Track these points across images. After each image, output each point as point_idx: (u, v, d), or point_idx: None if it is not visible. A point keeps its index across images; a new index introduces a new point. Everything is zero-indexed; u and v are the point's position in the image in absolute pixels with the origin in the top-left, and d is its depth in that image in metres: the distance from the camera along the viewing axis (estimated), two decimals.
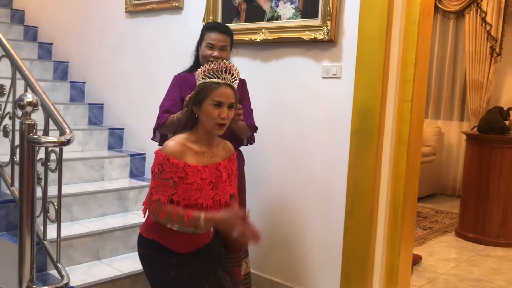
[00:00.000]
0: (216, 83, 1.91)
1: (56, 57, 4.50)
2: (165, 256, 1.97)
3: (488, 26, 5.74)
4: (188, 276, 1.97)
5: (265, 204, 3.00)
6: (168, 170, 1.87)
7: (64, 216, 2.87)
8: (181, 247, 1.98)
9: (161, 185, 1.87)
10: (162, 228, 1.96)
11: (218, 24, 2.54)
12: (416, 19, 2.35)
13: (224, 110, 1.90)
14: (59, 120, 2.37)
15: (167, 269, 1.97)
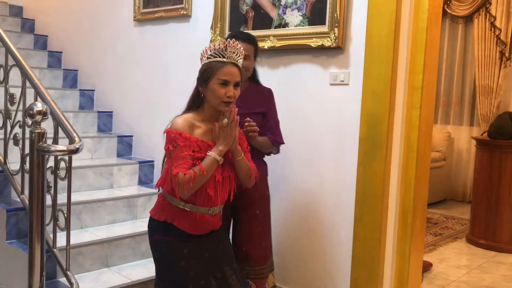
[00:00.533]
0: (222, 62, 1.92)
1: (65, 66, 4.54)
2: (177, 244, 1.97)
3: (498, 31, 5.70)
4: (197, 269, 1.97)
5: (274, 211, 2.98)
6: (182, 144, 1.89)
7: (73, 224, 2.89)
8: (194, 229, 1.98)
9: (178, 159, 1.88)
10: (174, 208, 1.97)
11: (241, 33, 2.46)
12: (424, 26, 2.34)
13: (230, 88, 1.92)
14: (68, 128, 2.38)
15: (177, 258, 1.97)
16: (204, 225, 2.00)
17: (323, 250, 2.78)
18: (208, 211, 1.98)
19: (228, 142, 1.93)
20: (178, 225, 1.97)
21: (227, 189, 2.02)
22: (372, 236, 2.46)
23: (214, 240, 2.07)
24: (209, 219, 2.00)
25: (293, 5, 2.81)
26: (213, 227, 2.05)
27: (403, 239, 2.53)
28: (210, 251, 2.03)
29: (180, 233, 1.98)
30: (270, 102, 2.49)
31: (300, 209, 2.88)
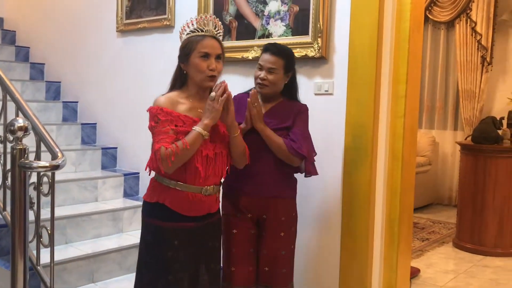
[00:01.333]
0: (201, 36, 1.94)
1: (48, 77, 4.49)
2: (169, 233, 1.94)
3: (478, 36, 5.79)
4: (181, 262, 1.96)
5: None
6: (163, 119, 1.88)
7: (58, 239, 2.84)
8: (187, 209, 1.95)
9: (160, 133, 1.86)
10: (165, 188, 1.95)
11: (273, 45, 2.30)
12: (406, 35, 2.36)
13: (212, 61, 1.92)
14: (51, 144, 2.34)
15: (166, 248, 1.95)
16: (197, 206, 1.96)
17: (310, 260, 2.77)
18: (201, 191, 1.95)
19: (214, 116, 1.89)
20: (170, 205, 1.93)
21: (220, 166, 2.00)
22: (359, 245, 2.46)
23: (207, 235, 2.04)
24: (203, 199, 1.96)
25: (277, 16, 2.81)
26: (208, 209, 2.01)
27: (390, 247, 2.54)
28: (198, 247, 2.01)
29: (173, 214, 1.94)
30: (297, 116, 2.27)
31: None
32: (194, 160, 1.91)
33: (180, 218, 1.95)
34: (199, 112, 1.96)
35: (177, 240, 1.95)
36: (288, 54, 2.26)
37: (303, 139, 2.21)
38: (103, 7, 3.95)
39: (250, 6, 2.94)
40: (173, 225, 1.95)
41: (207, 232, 2.04)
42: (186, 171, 1.91)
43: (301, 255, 2.80)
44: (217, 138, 1.98)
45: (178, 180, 1.93)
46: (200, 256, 2.03)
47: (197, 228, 1.99)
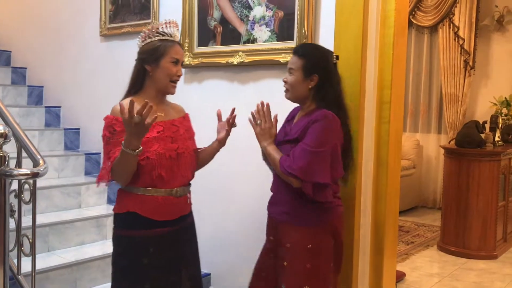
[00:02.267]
0: (172, 41, 1.97)
1: (30, 82, 4.42)
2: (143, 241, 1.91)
3: (461, 40, 5.87)
4: (158, 269, 1.92)
5: (245, 227, 2.96)
6: (119, 130, 1.84)
7: (40, 247, 2.79)
8: (159, 214, 1.92)
9: (116, 144, 1.83)
10: (134, 196, 1.91)
11: (300, 45, 2.20)
12: (391, 40, 2.37)
13: (180, 68, 1.98)
14: (32, 150, 2.30)
15: (141, 256, 1.91)
16: (170, 209, 1.94)
17: None
18: (171, 193, 1.93)
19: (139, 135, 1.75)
20: (142, 212, 1.90)
21: (185, 166, 1.98)
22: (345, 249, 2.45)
23: (183, 240, 2.02)
24: (174, 201, 1.94)
25: (261, 21, 2.81)
26: (180, 211, 1.99)
27: (376, 252, 2.54)
28: (175, 252, 1.98)
29: (146, 222, 1.90)
30: (310, 127, 1.94)
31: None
32: (157, 165, 1.88)
33: (153, 224, 1.91)
34: (158, 116, 1.93)
35: (152, 247, 1.92)
36: (311, 54, 2.04)
37: (302, 155, 1.88)
38: (86, 11, 3.91)
39: (235, 11, 2.92)
40: (147, 233, 1.91)
41: (182, 236, 2.02)
42: (152, 176, 1.88)
43: None
44: (178, 139, 1.98)
45: (146, 186, 1.89)
46: (179, 262, 2.00)
47: (172, 233, 1.96)
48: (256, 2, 2.82)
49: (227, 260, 3.06)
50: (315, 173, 1.87)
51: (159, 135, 1.91)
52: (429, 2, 6.13)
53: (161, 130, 1.93)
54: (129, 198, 1.93)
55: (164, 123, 1.95)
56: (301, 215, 1.99)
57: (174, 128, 1.98)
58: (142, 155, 1.83)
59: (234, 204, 3.02)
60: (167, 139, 1.93)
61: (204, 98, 3.12)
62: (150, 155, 1.86)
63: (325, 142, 1.89)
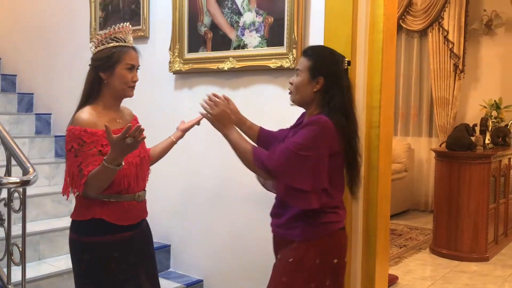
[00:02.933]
0: (127, 47, 1.95)
1: (20, 89, 4.40)
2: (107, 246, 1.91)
3: (451, 44, 5.92)
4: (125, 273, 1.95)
5: (237, 234, 2.96)
6: (89, 141, 1.83)
7: (30, 256, 2.77)
8: (124, 219, 1.94)
9: (88, 156, 1.82)
10: (98, 203, 1.89)
11: (310, 46, 2.11)
12: (380, 46, 2.38)
13: (136, 73, 1.97)
14: (22, 159, 2.29)
15: (108, 261, 1.91)
16: (133, 213, 1.98)
17: None
18: (134, 198, 1.96)
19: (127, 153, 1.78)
20: (108, 219, 1.90)
21: (145, 170, 2.05)
22: None
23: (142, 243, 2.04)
24: (137, 206, 1.99)
25: (251, 27, 2.81)
26: (141, 215, 2.04)
27: (368, 257, 2.54)
28: (135, 255, 2.00)
29: (110, 227, 1.90)
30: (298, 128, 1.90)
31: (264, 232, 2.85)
32: (128, 174, 1.91)
33: (117, 229, 1.93)
34: (118, 123, 1.96)
35: (117, 252, 1.94)
36: (320, 56, 1.93)
37: (285, 153, 1.79)
38: (76, 17, 3.90)
39: (225, 17, 2.93)
40: (111, 238, 1.92)
41: (142, 239, 2.06)
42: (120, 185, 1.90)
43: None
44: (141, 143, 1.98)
45: (113, 193, 1.90)
46: (139, 264, 2.03)
47: (134, 237, 2.00)
48: (246, 8, 2.83)
49: (219, 267, 3.05)
50: (293, 175, 1.77)
51: None
52: (419, 6, 6.18)
53: None
54: (93, 205, 1.90)
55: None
56: (291, 229, 1.90)
57: None
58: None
59: (226, 209, 3.01)
60: None
61: (195, 104, 3.10)
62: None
63: (311, 147, 1.77)
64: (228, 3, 2.91)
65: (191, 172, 3.15)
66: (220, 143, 2.66)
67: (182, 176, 3.20)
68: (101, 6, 3.69)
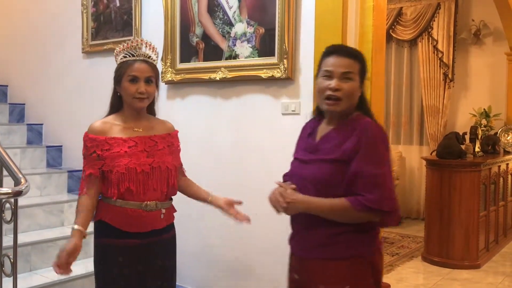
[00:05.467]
0: (132, 60, 2.00)
1: (11, 99, 4.39)
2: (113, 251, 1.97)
3: (440, 53, 5.98)
4: (127, 280, 1.97)
5: (230, 242, 2.96)
6: (89, 146, 1.98)
7: (22, 267, 2.75)
8: (127, 225, 1.96)
9: (89, 161, 1.98)
10: (106, 206, 1.97)
11: (340, 46, 1.90)
12: (369, 56, 2.42)
13: (141, 84, 1.97)
14: (14, 169, 2.28)
15: (111, 265, 1.98)
16: (138, 221, 1.97)
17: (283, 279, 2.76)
18: (141, 206, 1.96)
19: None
20: (110, 222, 1.96)
21: (159, 181, 2.01)
22: None
23: (155, 253, 2.04)
24: (143, 214, 1.97)
25: (243, 37, 2.84)
26: (151, 225, 2.01)
27: None
28: (144, 265, 2.01)
29: (115, 231, 1.96)
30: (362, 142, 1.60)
31: (257, 240, 2.86)
32: (126, 179, 1.94)
33: (122, 234, 1.97)
34: (134, 131, 2.02)
35: (121, 257, 1.98)
36: (363, 57, 1.75)
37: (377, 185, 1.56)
38: (68, 28, 3.92)
39: (216, 28, 2.96)
40: (116, 242, 1.98)
41: (155, 250, 2.04)
42: (120, 189, 1.94)
43: (277, 276, 2.79)
44: (154, 153, 2.02)
45: (116, 197, 1.95)
46: (148, 275, 2.03)
47: (142, 246, 2.00)
48: (237, 19, 2.86)
49: (212, 276, 3.05)
50: (396, 202, 1.57)
51: (130, 150, 1.97)
52: (408, 16, 6.26)
53: (132, 145, 1.99)
54: (102, 207, 1.99)
55: (139, 138, 2.01)
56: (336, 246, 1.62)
57: (151, 142, 2.03)
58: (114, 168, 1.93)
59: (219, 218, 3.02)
60: (141, 154, 1.98)
61: (187, 114, 3.14)
62: (120, 169, 1.93)
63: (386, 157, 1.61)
64: (219, 14, 2.94)
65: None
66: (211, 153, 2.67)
67: None
68: (93, 17, 3.71)
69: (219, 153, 2.99)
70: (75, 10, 3.83)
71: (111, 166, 1.93)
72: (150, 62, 2.03)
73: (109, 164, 1.93)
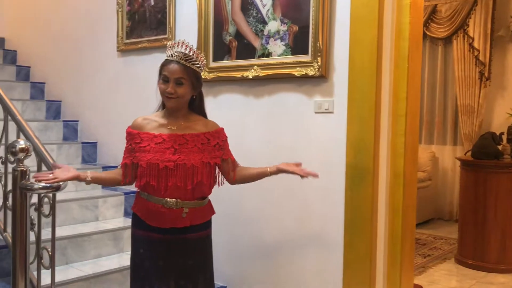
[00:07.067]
0: (167, 61, 2.08)
1: (48, 96, 4.50)
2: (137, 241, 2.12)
3: (476, 51, 5.83)
4: (146, 272, 2.06)
5: (260, 239, 2.96)
6: (127, 138, 2.16)
7: (58, 260, 2.81)
8: (149, 218, 2.06)
9: (126, 151, 2.16)
10: (138, 198, 2.14)
11: None
12: (406, 53, 2.38)
13: (169, 85, 2.04)
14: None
15: (134, 254, 2.14)
16: (158, 216, 2.04)
17: (311, 279, 2.75)
18: (161, 202, 2.02)
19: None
20: (137, 212, 2.10)
21: (183, 179, 2.02)
22: (362, 263, 2.45)
23: (174, 251, 2.07)
24: (163, 211, 2.02)
25: (276, 35, 2.83)
26: (172, 222, 2.04)
27: (393, 265, 2.52)
28: (165, 261, 2.06)
29: (141, 223, 2.09)
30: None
31: (288, 238, 2.85)
32: (146, 174, 2.03)
33: (147, 227, 2.08)
34: (167, 129, 2.10)
35: (142, 249, 2.09)
36: None
37: None
38: (103, 27, 3.99)
39: (249, 26, 2.96)
40: (141, 233, 2.11)
41: (175, 248, 2.07)
42: (141, 182, 2.07)
43: (302, 274, 2.78)
44: (182, 151, 2.05)
45: (145, 191, 2.09)
46: (169, 271, 2.06)
47: (163, 241, 2.06)
48: (271, 17, 2.86)
49: (242, 273, 3.06)
50: None
51: (156, 146, 2.04)
52: (443, 13, 6.12)
53: (160, 142, 2.05)
54: (136, 199, 2.17)
55: (169, 136, 2.06)
56: None
57: (182, 140, 2.07)
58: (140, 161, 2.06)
59: (250, 214, 3.03)
60: (167, 150, 2.04)
61: (219, 112, 3.15)
62: (142, 164, 2.04)
63: None
64: (253, 12, 2.94)
65: None
66: (243, 152, 2.67)
67: None
68: (127, 16, 3.76)
69: (250, 152, 2.99)
70: (110, 9, 3.89)
71: (138, 159, 2.06)
72: (183, 63, 2.04)
73: (137, 157, 2.07)
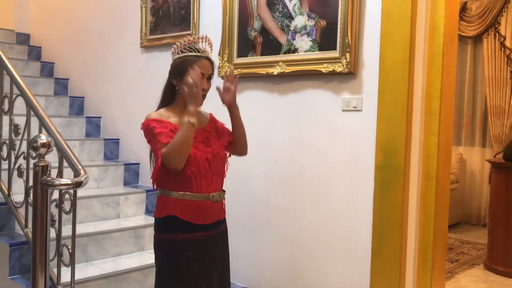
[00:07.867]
0: (197, 56, 2.02)
1: (72, 93, 4.50)
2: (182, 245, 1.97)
3: (508, 50, 5.64)
4: (195, 272, 1.98)
5: (284, 242, 2.88)
6: (159, 126, 1.94)
7: (78, 257, 2.79)
8: (199, 218, 1.98)
9: (162, 134, 1.92)
10: (173, 201, 1.98)
11: None
12: (440, 50, 2.27)
13: (204, 81, 2.01)
14: (74, 161, 2.31)
15: (180, 259, 1.97)
16: (207, 213, 2.00)
17: (338, 284, 2.66)
18: (208, 197, 1.99)
19: (197, 101, 1.94)
20: (182, 216, 1.97)
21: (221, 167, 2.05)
22: (391, 269, 2.34)
23: (217, 245, 2.06)
24: (210, 205, 2.00)
25: (303, 30, 2.75)
26: (217, 216, 2.04)
27: (423, 271, 2.41)
28: (211, 257, 2.03)
29: (185, 226, 1.97)
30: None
31: (312, 241, 2.76)
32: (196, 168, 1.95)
33: (192, 228, 1.98)
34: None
35: (190, 251, 1.99)
36: None
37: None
38: (127, 23, 3.96)
39: (275, 21, 2.88)
40: (186, 236, 1.98)
41: (216, 241, 2.07)
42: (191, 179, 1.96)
43: (327, 280, 2.69)
44: (211, 142, 2.06)
45: (184, 190, 1.97)
46: (213, 267, 2.04)
47: (208, 238, 2.02)
48: (298, 12, 2.77)
49: (264, 275, 2.99)
50: None
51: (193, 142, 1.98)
52: (473, 11, 5.94)
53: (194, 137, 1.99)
54: (169, 203, 1.99)
55: (197, 131, 2.01)
56: None
57: (207, 133, 2.08)
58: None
59: (272, 216, 2.95)
60: (202, 144, 2.02)
61: (243, 109, 3.07)
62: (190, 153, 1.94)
63: None
64: (279, 7, 2.86)
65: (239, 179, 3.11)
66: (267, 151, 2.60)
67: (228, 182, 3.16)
68: (151, 11, 3.72)
69: (275, 151, 2.92)
70: (134, 5, 3.86)
71: None
72: (212, 60, 2.06)
73: None
